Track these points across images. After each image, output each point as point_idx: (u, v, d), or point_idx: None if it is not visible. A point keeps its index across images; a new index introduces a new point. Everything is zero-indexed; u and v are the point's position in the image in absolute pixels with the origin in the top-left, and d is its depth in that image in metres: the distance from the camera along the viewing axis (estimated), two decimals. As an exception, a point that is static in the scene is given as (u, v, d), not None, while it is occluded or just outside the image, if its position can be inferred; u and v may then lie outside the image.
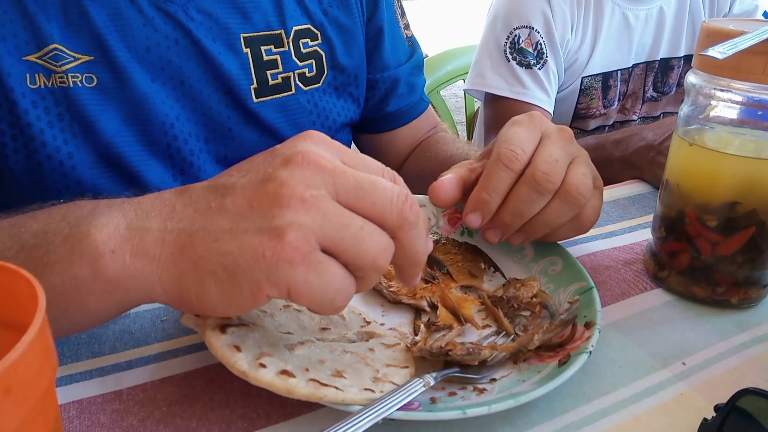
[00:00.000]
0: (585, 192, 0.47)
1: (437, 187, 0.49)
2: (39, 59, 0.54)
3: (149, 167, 0.60)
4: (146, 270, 0.35)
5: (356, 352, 0.41)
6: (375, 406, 0.34)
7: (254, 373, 0.35)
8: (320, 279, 0.33)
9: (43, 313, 0.24)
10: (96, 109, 0.56)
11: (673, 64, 1.23)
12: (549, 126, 0.49)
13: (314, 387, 0.35)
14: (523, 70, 1.11)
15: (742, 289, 0.51)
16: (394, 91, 0.80)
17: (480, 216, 0.47)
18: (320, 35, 0.70)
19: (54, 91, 0.55)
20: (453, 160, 0.74)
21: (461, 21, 6.92)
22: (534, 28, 1.10)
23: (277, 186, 0.33)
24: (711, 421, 0.37)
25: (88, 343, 0.45)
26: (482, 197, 0.47)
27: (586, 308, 0.45)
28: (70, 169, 0.57)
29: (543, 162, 0.46)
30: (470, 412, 0.36)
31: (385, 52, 0.77)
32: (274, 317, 0.42)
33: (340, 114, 0.74)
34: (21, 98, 0.54)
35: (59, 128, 0.56)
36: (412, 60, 0.82)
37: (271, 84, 0.66)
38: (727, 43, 0.43)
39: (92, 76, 0.56)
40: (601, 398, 0.41)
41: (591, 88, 1.17)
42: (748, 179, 0.48)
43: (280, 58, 0.66)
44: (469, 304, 0.48)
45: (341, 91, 0.74)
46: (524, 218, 0.47)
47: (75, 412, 0.39)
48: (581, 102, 1.18)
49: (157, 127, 0.60)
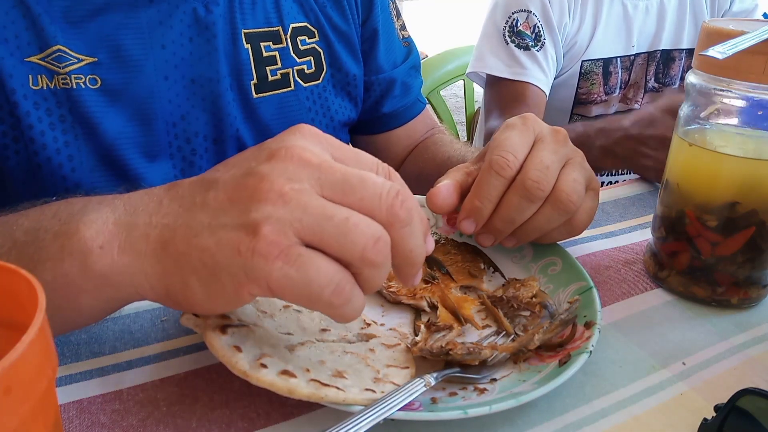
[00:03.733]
0: (575, 199, 0.47)
1: (435, 193, 0.49)
2: (42, 60, 0.54)
3: (150, 169, 0.60)
4: (133, 266, 0.35)
5: (356, 353, 0.41)
6: (376, 407, 0.34)
7: (255, 373, 0.35)
8: (300, 273, 0.32)
9: (44, 313, 0.24)
10: (99, 110, 0.56)
11: (675, 55, 1.24)
12: (543, 128, 0.49)
13: (315, 387, 0.35)
14: (522, 51, 1.14)
15: (742, 289, 0.50)
16: (389, 92, 0.80)
17: (473, 223, 0.48)
18: (317, 33, 0.70)
19: (57, 92, 0.55)
20: (451, 162, 0.74)
21: (461, 21, 6.92)
22: (531, 12, 1.14)
23: (257, 180, 0.33)
24: (711, 421, 0.37)
25: (88, 343, 0.45)
26: (475, 205, 0.47)
27: (585, 308, 0.45)
28: (70, 172, 0.57)
29: (533, 169, 0.46)
30: (471, 412, 0.36)
31: (380, 54, 0.77)
32: (274, 318, 0.42)
33: (338, 112, 0.74)
34: (23, 100, 0.54)
35: (61, 130, 0.56)
36: (407, 61, 0.82)
37: (270, 80, 0.66)
38: (727, 43, 0.43)
39: (96, 78, 0.56)
40: (601, 398, 0.41)
41: (591, 73, 1.18)
42: (748, 179, 0.48)
43: (278, 55, 0.67)
44: (469, 304, 0.48)
45: (340, 90, 0.74)
46: (515, 224, 0.48)
47: (75, 412, 0.39)
48: (582, 86, 1.20)
49: (161, 126, 0.60)
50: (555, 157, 0.47)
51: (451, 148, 0.79)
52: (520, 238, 0.50)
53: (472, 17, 5.42)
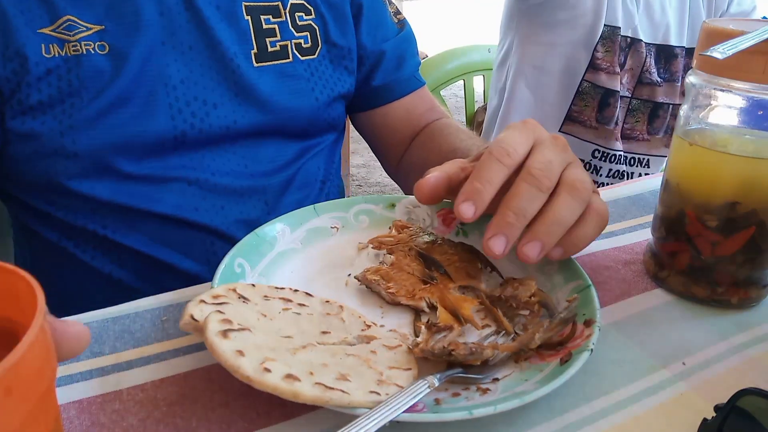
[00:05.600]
0: (587, 185, 0.46)
1: (422, 183, 0.49)
2: (53, 31, 0.59)
3: (150, 126, 0.63)
4: None
5: (358, 355, 0.41)
6: (381, 409, 0.34)
7: (259, 377, 0.34)
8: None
9: (43, 313, 0.24)
10: (107, 73, 0.61)
11: (677, 52, 1.25)
12: (543, 133, 0.48)
13: (320, 390, 0.35)
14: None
15: (742, 289, 0.51)
16: (379, 65, 0.81)
17: (473, 206, 0.45)
18: (313, 11, 0.74)
19: (68, 59, 0.60)
20: (456, 155, 0.74)
21: (461, 21, 6.92)
22: None
23: None
24: (711, 421, 0.37)
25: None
26: (475, 186, 0.45)
27: (584, 306, 0.45)
28: (70, 143, 0.61)
29: (537, 161, 0.45)
30: (476, 412, 0.36)
31: (365, 28, 0.79)
32: (274, 321, 0.42)
33: (336, 84, 0.76)
34: (35, 67, 0.59)
35: (67, 93, 0.60)
36: (400, 35, 0.83)
37: (270, 51, 0.70)
38: (727, 43, 0.43)
39: (104, 44, 0.61)
40: (601, 398, 0.41)
41: (608, 40, 1.19)
42: (748, 179, 0.48)
43: (278, 27, 0.71)
44: (468, 304, 0.48)
45: (336, 64, 0.77)
46: (527, 217, 0.44)
47: (75, 412, 0.39)
48: (598, 50, 1.20)
49: (161, 89, 0.63)
50: (556, 157, 0.46)
51: (457, 139, 0.79)
52: (566, 246, 0.47)
53: (473, 17, 5.40)
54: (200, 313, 0.38)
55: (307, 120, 0.74)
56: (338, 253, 0.54)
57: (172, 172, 0.66)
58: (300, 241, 0.54)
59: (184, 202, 0.67)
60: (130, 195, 0.65)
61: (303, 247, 0.54)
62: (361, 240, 0.55)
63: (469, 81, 1.54)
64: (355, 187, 3.02)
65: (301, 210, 0.56)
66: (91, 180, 0.63)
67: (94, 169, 0.63)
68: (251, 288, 0.44)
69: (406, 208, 0.59)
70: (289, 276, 0.51)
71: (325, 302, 0.46)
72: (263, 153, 0.72)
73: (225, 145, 0.69)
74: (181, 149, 0.66)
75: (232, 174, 0.69)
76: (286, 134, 0.73)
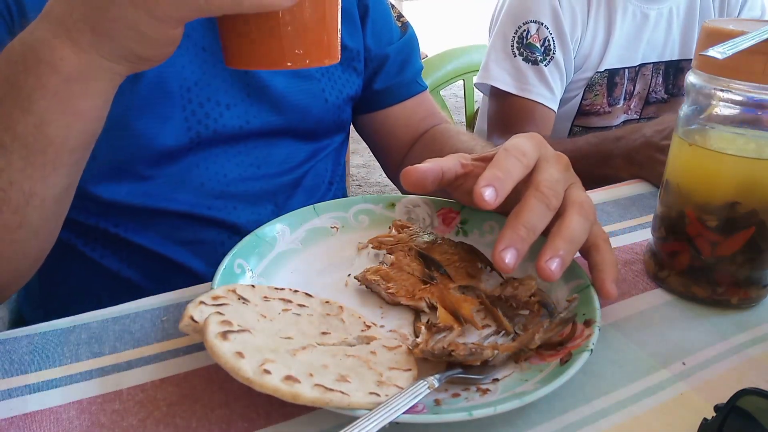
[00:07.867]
0: (593, 208, 0.47)
1: (410, 170, 0.49)
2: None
3: (167, 129, 0.63)
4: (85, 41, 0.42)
5: (358, 356, 0.40)
6: (381, 410, 0.34)
7: (259, 379, 0.34)
8: None
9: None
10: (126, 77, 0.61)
11: (684, 66, 1.23)
12: (548, 150, 0.48)
13: (320, 392, 0.35)
14: (529, 66, 1.11)
15: (742, 289, 0.50)
16: (382, 68, 0.81)
17: (495, 192, 0.43)
18: None
19: None
20: None
21: (461, 21, 6.92)
22: (543, 24, 1.10)
23: None
24: (711, 421, 0.37)
25: (88, 343, 0.45)
26: (496, 174, 0.44)
27: (584, 306, 0.45)
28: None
29: (545, 179, 0.45)
30: (476, 413, 0.36)
31: (371, 31, 0.79)
32: (273, 322, 0.42)
33: (345, 85, 0.76)
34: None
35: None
36: (402, 39, 0.83)
37: None
38: (727, 43, 0.43)
39: None
40: (601, 398, 0.41)
41: (596, 84, 1.17)
42: (748, 179, 0.48)
43: None
44: (468, 304, 0.48)
45: (346, 66, 0.77)
46: (536, 233, 0.44)
47: (75, 413, 0.39)
48: (586, 98, 1.18)
49: (176, 91, 0.63)
50: (561, 176, 0.47)
51: (458, 140, 0.79)
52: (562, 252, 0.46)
53: (473, 17, 5.42)
54: (200, 315, 0.38)
55: (315, 121, 0.74)
56: (338, 253, 0.54)
57: (187, 171, 0.66)
58: (300, 242, 0.54)
59: (198, 201, 0.67)
60: (146, 195, 0.65)
61: (303, 247, 0.54)
62: (361, 240, 0.55)
63: (469, 81, 1.54)
64: (355, 187, 3.02)
65: (301, 210, 0.56)
66: (108, 182, 0.63)
67: (112, 172, 0.63)
68: (251, 289, 0.44)
69: (406, 207, 0.59)
70: (289, 276, 0.51)
71: (325, 303, 0.46)
72: (275, 154, 0.72)
73: (238, 145, 0.69)
74: (196, 149, 0.66)
75: (245, 174, 0.70)
76: (297, 135, 0.74)
